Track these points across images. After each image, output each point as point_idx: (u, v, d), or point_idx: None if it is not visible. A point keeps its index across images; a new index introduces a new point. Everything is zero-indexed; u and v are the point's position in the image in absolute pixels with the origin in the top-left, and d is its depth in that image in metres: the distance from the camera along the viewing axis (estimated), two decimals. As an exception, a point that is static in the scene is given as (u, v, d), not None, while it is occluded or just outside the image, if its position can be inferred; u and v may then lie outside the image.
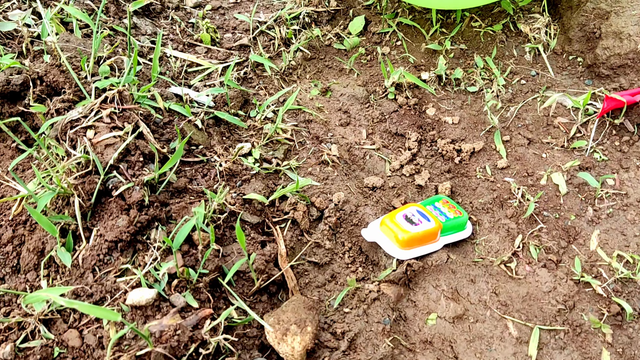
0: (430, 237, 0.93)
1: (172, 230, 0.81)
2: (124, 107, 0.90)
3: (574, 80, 1.19)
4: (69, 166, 0.79)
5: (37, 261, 0.75)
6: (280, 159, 1.06)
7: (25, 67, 0.90)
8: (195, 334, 0.71)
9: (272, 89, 1.22)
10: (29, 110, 0.87)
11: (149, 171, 0.85)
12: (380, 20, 1.37)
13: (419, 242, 0.93)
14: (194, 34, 1.29)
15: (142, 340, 0.69)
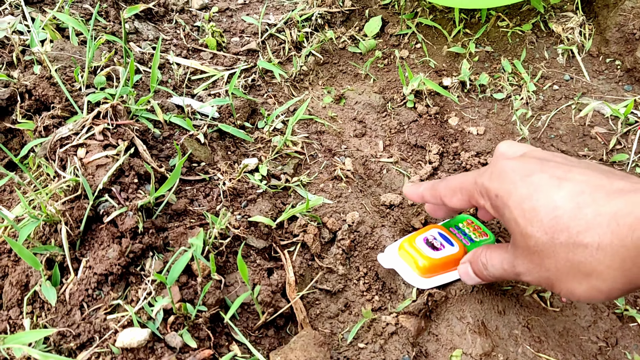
0: (453, 263, 0.84)
1: (169, 260, 0.74)
2: (118, 122, 0.82)
3: (612, 86, 1.08)
4: (56, 190, 0.72)
5: (21, 296, 0.68)
6: (289, 174, 0.98)
7: (13, 80, 0.83)
8: (191, 381, 0.64)
9: (282, 97, 1.14)
10: (16, 127, 0.80)
11: (145, 194, 0.78)
12: (399, 21, 1.28)
13: (441, 268, 0.84)
14: (199, 38, 1.21)
15: (132, 388, 0.62)
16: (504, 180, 0.57)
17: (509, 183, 0.56)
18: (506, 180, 0.57)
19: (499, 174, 0.58)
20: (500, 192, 0.57)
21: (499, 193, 0.57)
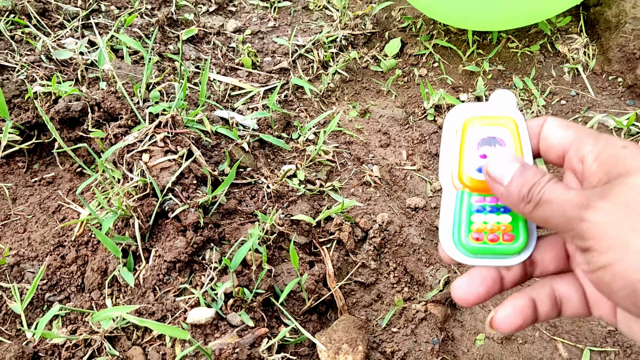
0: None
1: (225, 251, 0.83)
2: (176, 131, 0.93)
3: (614, 101, 1.19)
4: (128, 189, 0.82)
5: (101, 280, 0.77)
6: (323, 180, 1.08)
7: (83, 94, 0.94)
8: (252, 352, 0.73)
9: (313, 111, 1.24)
10: (88, 135, 0.90)
11: (202, 193, 0.88)
12: (417, 42, 1.39)
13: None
14: (235, 58, 1.33)
15: (202, 357, 0.71)
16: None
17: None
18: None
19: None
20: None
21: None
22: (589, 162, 0.39)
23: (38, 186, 0.91)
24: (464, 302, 0.44)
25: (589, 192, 0.37)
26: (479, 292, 0.43)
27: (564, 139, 0.42)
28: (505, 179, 0.40)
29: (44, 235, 0.83)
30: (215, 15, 1.43)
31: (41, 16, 1.10)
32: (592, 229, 0.35)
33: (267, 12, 1.48)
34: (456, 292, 0.43)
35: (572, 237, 0.37)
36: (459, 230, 0.44)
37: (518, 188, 0.39)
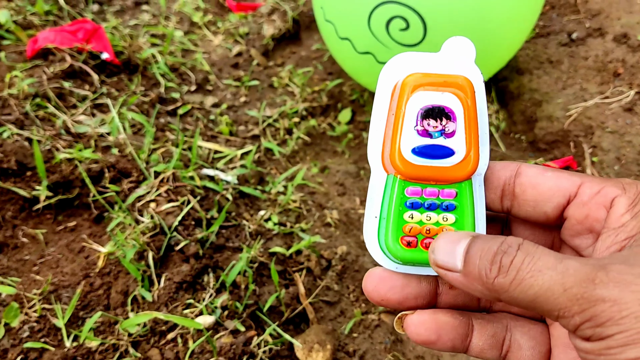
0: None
1: (219, 276, 1.06)
2: (176, 184, 1.17)
3: (520, 154, 1.51)
4: (142, 229, 1.05)
5: (124, 299, 0.99)
6: (292, 222, 1.33)
7: (101, 158, 1.18)
8: (245, 349, 0.95)
9: (281, 168, 1.51)
10: (106, 190, 1.14)
11: (199, 231, 1.11)
12: (364, 111, 1.70)
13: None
14: (214, 127, 1.60)
15: (207, 354, 0.92)
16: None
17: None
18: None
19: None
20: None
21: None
22: (621, 210, 0.30)
23: (64, 232, 1.13)
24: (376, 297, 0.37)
25: (606, 260, 0.27)
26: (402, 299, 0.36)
27: (562, 183, 0.34)
28: (458, 261, 0.30)
29: (73, 269, 1.04)
30: (196, 94, 1.72)
31: (58, 98, 1.35)
32: (615, 310, 0.25)
33: (239, 90, 1.77)
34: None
35: (575, 323, 0.26)
36: (386, 230, 0.35)
37: (476, 265, 0.29)
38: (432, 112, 0.34)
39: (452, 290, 0.37)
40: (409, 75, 0.35)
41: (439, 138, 0.35)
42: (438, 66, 0.36)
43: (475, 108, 0.35)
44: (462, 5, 1.24)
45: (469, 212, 0.36)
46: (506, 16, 1.29)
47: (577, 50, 1.58)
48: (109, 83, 1.55)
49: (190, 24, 2.11)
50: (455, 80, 0.35)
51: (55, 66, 1.45)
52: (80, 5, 2.04)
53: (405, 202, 0.35)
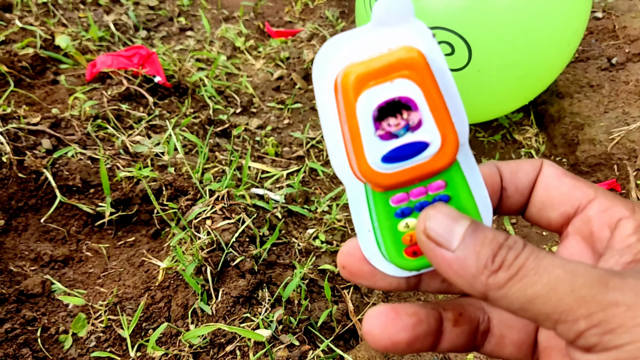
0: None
1: (273, 291, 1.10)
2: (230, 202, 1.22)
3: (561, 176, 1.52)
4: (200, 245, 1.10)
5: (184, 312, 1.03)
6: (338, 241, 1.37)
7: (159, 176, 1.24)
8: (301, 362, 0.98)
9: (325, 188, 1.55)
10: (164, 207, 1.19)
11: (253, 248, 1.16)
12: (404, 134, 1.74)
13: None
14: (260, 148, 1.65)
15: (265, 366, 0.95)
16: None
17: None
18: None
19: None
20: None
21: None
22: (627, 231, 0.29)
23: (124, 247, 1.18)
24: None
25: (618, 270, 0.26)
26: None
27: (575, 193, 0.32)
28: (455, 240, 0.27)
29: (135, 282, 1.09)
30: (242, 116, 1.78)
31: (116, 120, 1.43)
32: (630, 316, 0.22)
33: (282, 112, 1.83)
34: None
35: (579, 329, 0.24)
36: (385, 245, 0.32)
37: (475, 250, 0.26)
38: (388, 109, 0.29)
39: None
40: (346, 71, 0.28)
41: (405, 135, 0.29)
42: (374, 42, 0.29)
43: (433, 80, 0.29)
44: (505, 29, 1.28)
45: (466, 196, 0.32)
46: (549, 40, 1.32)
47: (617, 75, 1.60)
48: (162, 105, 1.62)
49: (233, 49, 2.19)
50: (400, 57, 0.28)
51: (112, 89, 1.52)
52: (130, 31, 2.14)
53: (394, 212, 0.31)
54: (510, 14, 1.26)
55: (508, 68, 1.34)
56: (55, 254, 1.12)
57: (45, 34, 1.76)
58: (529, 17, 1.26)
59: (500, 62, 1.33)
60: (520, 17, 1.26)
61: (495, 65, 1.34)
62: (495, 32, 1.28)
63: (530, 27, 1.27)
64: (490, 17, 1.27)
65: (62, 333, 0.99)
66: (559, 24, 1.30)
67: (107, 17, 2.16)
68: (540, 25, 1.28)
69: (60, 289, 1.05)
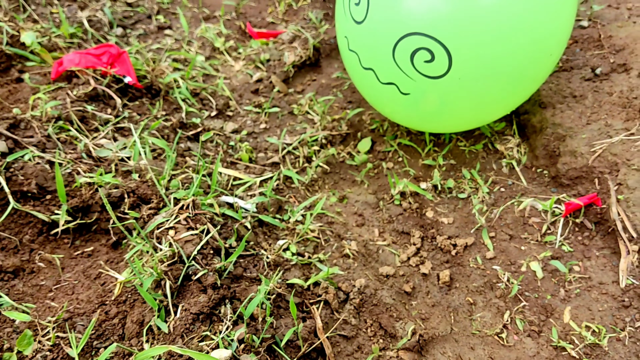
0: None
1: (237, 307, 1.04)
2: (196, 212, 1.16)
3: (542, 189, 1.48)
4: (160, 257, 1.04)
5: (139, 330, 0.97)
6: (310, 253, 1.31)
7: (121, 183, 1.17)
8: (261, 385, 0.92)
9: (300, 197, 1.50)
10: (125, 216, 1.13)
11: (217, 261, 1.10)
12: (384, 141, 1.69)
13: None
14: (234, 154, 1.59)
15: (222, 389, 0.90)
16: None
17: None
18: None
19: None
20: None
21: None
22: None
23: (81, 258, 1.12)
24: None
25: None
26: None
27: None
28: None
29: (89, 296, 1.03)
30: (217, 119, 1.72)
31: (81, 121, 1.36)
32: None
33: (259, 116, 1.77)
34: None
35: None
36: None
37: None
38: None
39: None
40: None
41: None
42: None
43: None
44: (487, 37, 1.23)
45: None
46: (532, 50, 1.28)
47: (601, 86, 1.56)
48: (131, 107, 1.56)
49: (212, 50, 2.13)
50: None
51: (78, 89, 1.46)
52: (105, 28, 2.07)
53: None
54: (492, 23, 1.22)
55: (489, 77, 1.29)
56: (5, 265, 1.05)
57: (13, 30, 1.69)
58: (512, 26, 1.22)
59: (482, 70, 1.28)
60: (502, 25, 1.21)
61: (476, 74, 1.29)
62: (477, 40, 1.24)
63: (512, 36, 1.23)
64: (472, 24, 1.22)
65: (7, 351, 0.92)
66: (541, 33, 1.26)
67: (81, 13, 2.09)
68: (523, 35, 1.24)
69: (8, 302, 0.98)
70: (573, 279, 1.25)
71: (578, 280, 1.25)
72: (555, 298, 1.22)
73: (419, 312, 1.23)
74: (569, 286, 1.24)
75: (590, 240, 1.33)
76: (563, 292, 1.23)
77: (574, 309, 1.19)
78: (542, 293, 1.24)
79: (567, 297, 1.22)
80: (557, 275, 1.26)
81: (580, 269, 1.27)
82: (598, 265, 1.27)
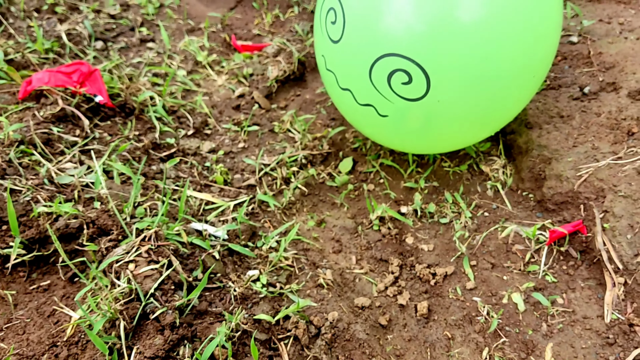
0: None
1: (197, 347, 0.99)
2: (158, 243, 1.11)
3: (527, 213, 1.42)
4: (116, 294, 0.98)
5: (89, 375, 0.91)
6: (283, 283, 1.26)
7: (80, 213, 1.12)
8: None
9: (275, 221, 1.44)
10: (83, 248, 1.08)
11: (179, 297, 1.04)
12: (366, 161, 1.64)
13: None
14: (209, 175, 1.54)
15: None
16: None
17: None
18: None
19: None
20: None
21: None
22: None
23: (36, 293, 1.07)
24: None
25: None
26: None
27: None
28: None
29: (40, 337, 0.97)
30: (193, 138, 1.67)
31: (45, 145, 1.31)
32: None
33: (237, 135, 1.72)
34: None
35: None
36: None
37: None
38: None
39: None
40: None
41: None
42: None
43: None
44: (467, 59, 1.18)
45: None
46: (514, 71, 1.22)
47: (589, 105, 1.50)
48: (103, 127, 1.51)
49: (195, 63, 2.08)
50: None
51: (46, 109, 1.41)
52: (84, 42, 2.02)
53: None
54: (472, 44, 1.16)
55: (470, 100, 1.24)
56: (-47, 302, 1.00)
57: (-16, 46, 1.64)
58: (492, 47, 1.16)
59: (461, 93, 1.23)
60: (482, 47, 1.16)
61: (456, 96, 1.24)
62: (456, 62, 1.18)
63: (493, 58, 1.18)
64: (450, 46, 1.17)
65: (-52, 398, 0.87)
66: (524, 54, 1.21)
67: (60, 26, 2.04)
68: (504, 56, 1.18)
69: (-48, 344, 0.93)
70: (556, 313, 1.19)
71: (561, 314, 1.19)
72: (537, 333, 1.17)
73: (394, 347, 1.17)
74: (551, 320, 1.18)
75: (576, 269, 1.27)
76: (545, 326, 1.17)
77: (556, 345, 1.13)
78: (523, 328, 1.18)
79: (549, 333, 1.16)
80: (540, 308, 1.21)
81: (564, 302, 1.21)
82: (583, 297, 1.21)
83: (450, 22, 1.16)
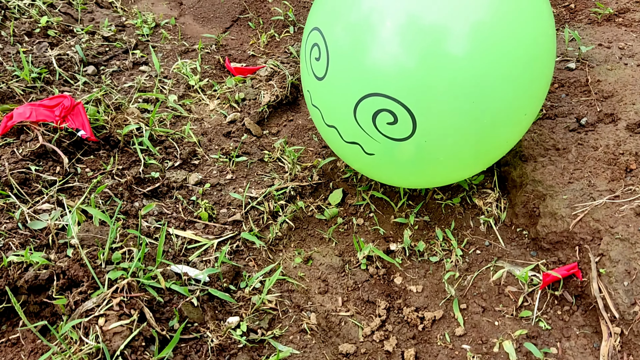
0: None
1: (167, 409, 0.95)
2: (131, 295, 1.07)
3: (521, 251, 1.37)
4: (82, 355, 0.95)
5: None
6: (264, 328, 1.21)
7: (52, 263, 1.09)
8: None
9: (261, 260, 1.40)
10: (52, 301, 1.04)
11: (150, 354, 1.00)
12: (356, 193, 1.59)
13: None
14: (194, 211, 1.50)
15: None
16: None
17: None
18: None
19: None
20: None
21: None
22: None
23: (4, 347, 1.03)
24: None
25: None
26: None
27: None
28: None
29: (5, 397, 0.94)
30: (180, 170, 1.63)
31: (21, 185, 1.28)
32: None
33: (226, 165, 1.68)
34: None
35: None
36: None
37: None
38: None
39: None
40: None
41: None
42: None
43: None
44: (453, 100, 1.13)
45: None
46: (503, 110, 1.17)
47: (586, 138, 1.45)
48: (85, 161, 1.48)
49: (187, 87, 2.04)
50: None
51: (26, 146, 1.38)
52: (75, 67, 1.99)
53: None
54: (459, 84, 1.11)
55: (458, 140, 1.19)
56: None
57: (-32, 77, 1.62)
58: (480, 87, 1.12)
59: (449, 132, 1.18)
60: (470, 87, 1.11)
61: (444, 135, 1.19)
62: (442, 103, 1.14)
63: (481, 98, 1.13)
64: (436, 86, 1.12)
65: None
66: (514, 93, 1.16)
67: (50, 51, 2.01)
68: (493, 96, 1.14)
69: None
70: (549, 364, 1.14)
71: (554, 365, 1.14)
72: (527, 386, 1.11)
73: (378, 400, 1.12)
74: (543, 372, 1.13)
75: (570, 315, 1.21)
76: (537, 379, 1.12)
77: (548, 400, 1.08)
78: (513, 380, 1.13)
79: (541, 386, 1.11)
80: (533, 359, 1.15)
81: (558, 352, 1.16)
82: (578, 347, 1.16)
83: (436, 61, 1.12)
